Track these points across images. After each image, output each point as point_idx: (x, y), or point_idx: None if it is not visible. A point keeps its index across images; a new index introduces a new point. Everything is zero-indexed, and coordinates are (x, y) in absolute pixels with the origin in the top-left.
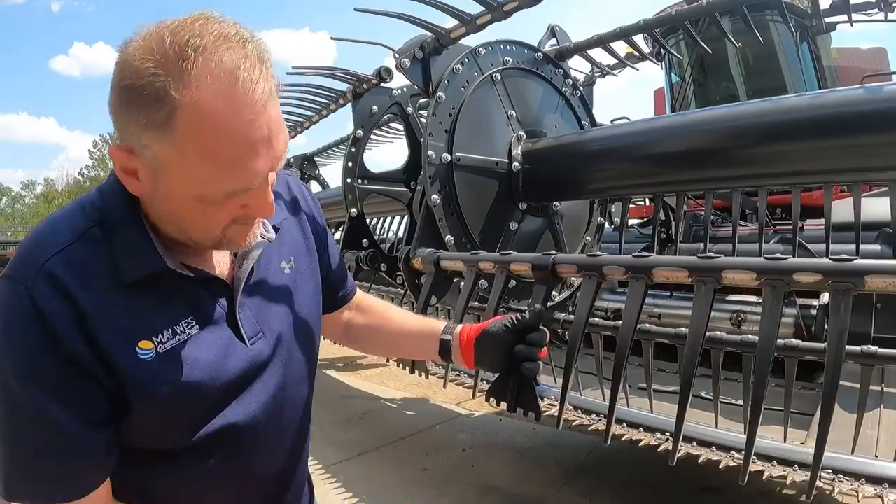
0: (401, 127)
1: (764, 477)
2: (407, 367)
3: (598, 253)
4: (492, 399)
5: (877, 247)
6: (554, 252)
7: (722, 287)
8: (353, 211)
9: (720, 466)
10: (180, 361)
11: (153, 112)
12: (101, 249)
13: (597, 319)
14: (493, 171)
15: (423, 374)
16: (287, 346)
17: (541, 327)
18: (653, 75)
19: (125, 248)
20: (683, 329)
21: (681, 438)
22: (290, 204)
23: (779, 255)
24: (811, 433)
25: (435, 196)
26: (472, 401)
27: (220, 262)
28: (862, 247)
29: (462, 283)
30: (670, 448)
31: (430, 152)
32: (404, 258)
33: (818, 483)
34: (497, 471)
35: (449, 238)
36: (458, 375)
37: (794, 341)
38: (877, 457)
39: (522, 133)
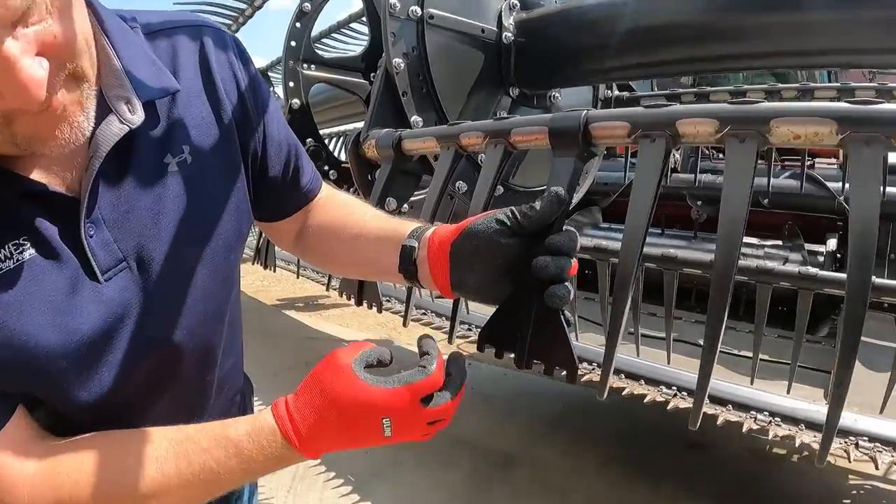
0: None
1: (770, 436)
2: (353, 298)
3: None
4: (488, 347)
5: None
6: (586, 108)
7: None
8: (296, 102)
9: (717, 423)
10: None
11: None
12: None
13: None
14: (478, 41)
15: (373, 305)
16: (175, 275)
17: (567, 227)
18: None
19: None
20: (677, 252)
21: (699, 397)
22: (196, 68)
23: (864, 98)
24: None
25: (398, 60)
26: (438, 342)
27: (75, 166)
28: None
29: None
30: (659, 398)
31: (392, 1)
32: (352, 145)
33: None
34: (466, 421)
35: (416, 119)
36: (425, 314)
37: (812, 270)
38: None
39: (516, 1)
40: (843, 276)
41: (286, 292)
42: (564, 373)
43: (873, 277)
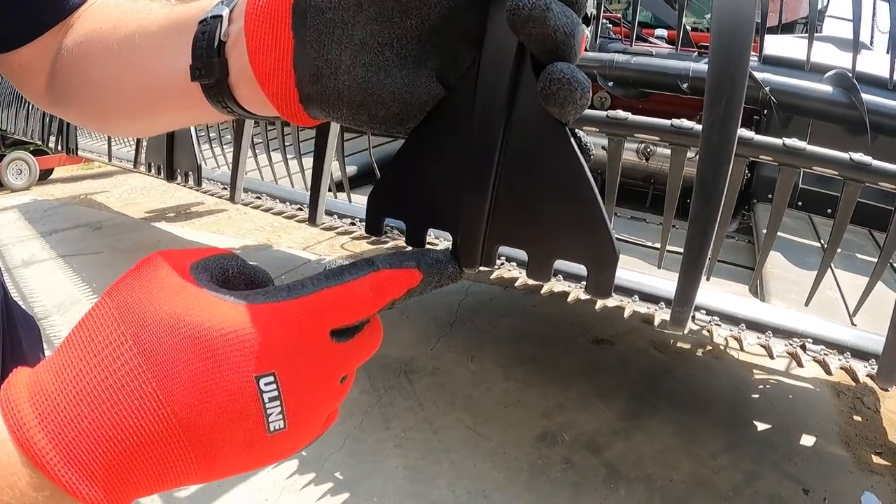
0: None
1: (686, 330)
2: (161, 172)
3: None
4: (389, 228)
5: (829, 87)
6: None
7: None
8: None
9: (624, 315)
10: None
11: None
12: None
13: None
14: None
15: (189, 176)
16: None
17: None
18: None
19: None
20: (627, 115)
21: None
22: None
23: None
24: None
25: None
26: (322, 244)
27: None
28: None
29: None
30: (558, 289)
31: None
32: None
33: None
34: None
35: None
36: (301, 209)
37: (867, 158)
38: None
39: None
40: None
41: (156, 203)
42: (585, 279)
43: None
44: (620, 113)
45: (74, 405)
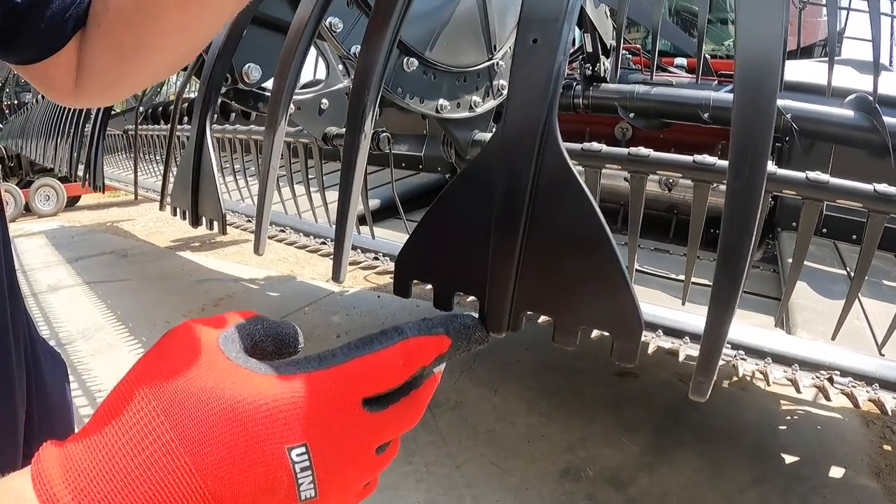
0: None
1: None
2: (187, 216)
3: None
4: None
5: (850, 112)
6: None
7: None
8: None
9: (649, 351)
10: None
11: None
12: None
13: None
14: None
15: (213, 224)
16: None
17: None
18: None
19: None
20: (649, 152)
21: None
22: None
23: None
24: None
25: None
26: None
27: None
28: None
29: None
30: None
31: None
32: None
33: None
34: None
35: None
36: (325, 244)
37: (892, 189)
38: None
39: None
40: None
41: (181, 232)
42: (613, 344)
43: None
44: (643, 150)
45: (108, 481)
